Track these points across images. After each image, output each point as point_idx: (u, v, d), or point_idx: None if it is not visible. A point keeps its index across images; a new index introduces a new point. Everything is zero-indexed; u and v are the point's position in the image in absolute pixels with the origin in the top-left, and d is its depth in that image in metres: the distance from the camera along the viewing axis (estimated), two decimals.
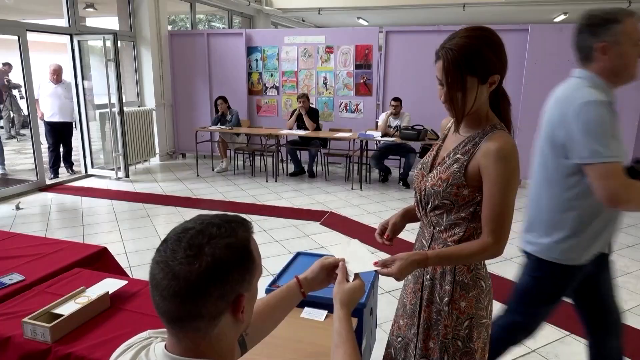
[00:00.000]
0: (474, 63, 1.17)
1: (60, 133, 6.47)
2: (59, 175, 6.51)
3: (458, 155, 1.28)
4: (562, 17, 11.11)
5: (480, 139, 1.24)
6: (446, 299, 1.31)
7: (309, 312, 1.56)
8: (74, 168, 6.84)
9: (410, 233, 1.86)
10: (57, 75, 6.36)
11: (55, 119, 6.36)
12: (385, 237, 1.43)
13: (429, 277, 1.36)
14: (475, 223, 1.27)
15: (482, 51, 1.17)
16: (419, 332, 1.37)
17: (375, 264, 1.19)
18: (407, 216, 1.48)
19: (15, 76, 9.09)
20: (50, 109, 6.32)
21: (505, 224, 1.21)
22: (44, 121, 6.38)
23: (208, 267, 0.71)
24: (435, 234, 1.34)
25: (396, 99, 6.12)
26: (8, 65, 9.61)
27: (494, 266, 3.68)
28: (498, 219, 1.21)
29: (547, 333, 2.71)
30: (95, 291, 1.63)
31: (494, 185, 1.20)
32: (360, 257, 1.19)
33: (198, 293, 0.71)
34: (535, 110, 6.47)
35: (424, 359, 1.38)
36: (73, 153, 6.84)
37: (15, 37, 5.46)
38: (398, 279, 1.19)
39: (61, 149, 6.61)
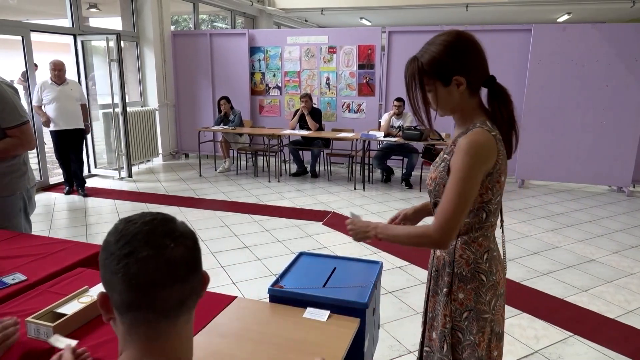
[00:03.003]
0: (431, 68, 1.27)
1: (68, 144, 5.48)
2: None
3: (445, 155, 1.35)
4: (565, 17, 11.09)
5: (461, 137, 1.28)
6: (445, 289, 1.36)
7: (311, 312, 1.56)
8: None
9: None
10: (59, 72, 5.33)
11: (60, 127, 5.37)
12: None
13: (434, 268, 1.42)
14: (470, 218, 1.31)
15: (433, 55, 1.26)
16: (426, 322, 1.46)
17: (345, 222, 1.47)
18: (424, 211, 1.56)
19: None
20: (53, 115, 5.34)
21: (449, 216, 1.21)
22: (50, 131, 5.45)
23: (188, 244, 0.76)
24: None
25: (399, 99, 6.12)
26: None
27: None
28: (445, 210, 1.22)
29: (551, 334, 2.71)
30: (98, 291, 1.63)
31: (452, 178, 1.24)
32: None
33: (190, 270, 0.76)
34: (538, 110, 6.51)
35: (428, 348, 1.44)
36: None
37: (19, 38, 5.47)
38: (353, 238, 1.44)
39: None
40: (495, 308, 1.35)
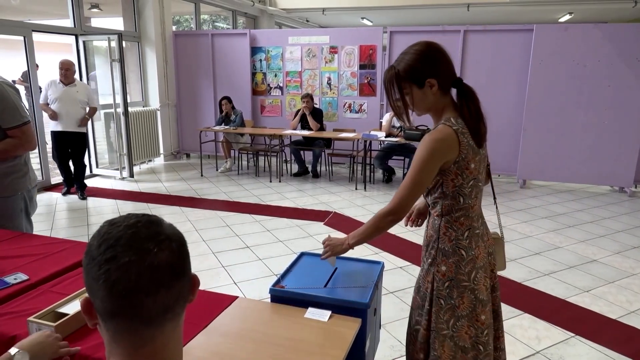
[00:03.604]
0: (407, 74, 1.49)
1: (67, 146, 5.37)
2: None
3: None
4: (567, 17, 11.07)
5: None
6: (429, 260, 1.59)
7: (312, 312, 1.56)
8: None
9: (416, 235, 1.87)
10: (65, 72, 5.24)
11: (59, 128, 5.27)
12: (410, 221, 1.79)
13: (424, 244, 1.64)
14: (449, 200, 1.52)
15: (408, 63, 1.49)
16: (415, 289, 1.71)
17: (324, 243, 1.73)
18: None
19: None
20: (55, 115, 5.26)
21: (402, 196, 1.46)
22: (50, 131, 5.39)
23: (173, 248, 0.72)
24: (429, 211, 1.63)
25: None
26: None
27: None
28: (400, 193, 1.47)
29: (552, 334, 2.70)
30: None
31: (411, 167, 1.47)
32: None
33: (176, 274, 0.72)
34: (540, 111, 6.49)
35: (413, 309, 1.70)
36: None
37: (21, 38, 5.48)
38: (331, 253, 1.70)
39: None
40: (475, 279, 1.54)
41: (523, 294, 3.22)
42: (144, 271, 0.68)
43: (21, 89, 8.37)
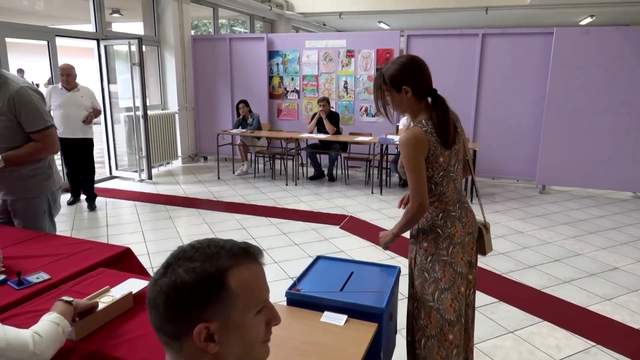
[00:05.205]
0: (388, 80, 1.77)
1: (73, 154, 5.14)
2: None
3: None
4: (588, 19, 10.89)
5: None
6: (412, 239, 1.90)
7: (329, 316, 1.56)
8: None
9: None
10: (67, 77, 4.96)
11: (64, 135, 4.95)
12: (403, 204, 1.96)
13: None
14: (436, 189, 1.80)
15: (391, 72, 1.77)
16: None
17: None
18: None
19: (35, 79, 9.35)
20: (58, 123, 4.90)
21: (414, 191, 1.73)
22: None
23: (168, 286, 0.75)
24: None
25: None
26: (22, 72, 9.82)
27: (515, 273, 3.62)
28: (412, 189, 1.74)
29: (573, 343, 2.65)
30: (119, 291, 1.65)
31: (405, 167, 1.75)
32: None
33: (160, 308, 0.75)
34: (560, 115, 6.37)
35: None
36: (96, 160, 5.50)
37: (45, 42, 5.62)
38: (383, 247, 1.91)
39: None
40: (452, 253, 1.80)
41: (542, 301, 3.17)
42: (149, 287, 0.79)
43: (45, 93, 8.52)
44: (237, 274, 0.77)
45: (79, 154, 5.16)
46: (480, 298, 3.17)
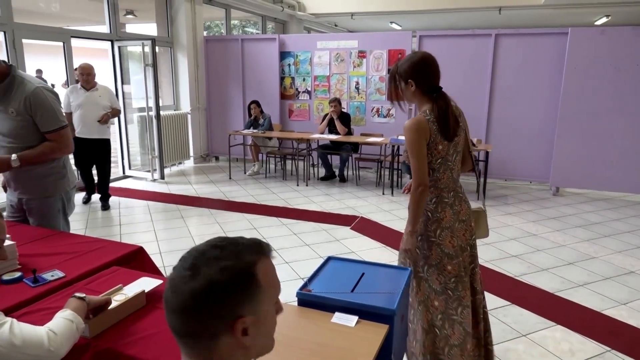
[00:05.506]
0: (400, 73, 2.01)
1: (90, 154, 5.12)
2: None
3: None
4: (603, 19, 10.73)
5: None
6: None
7: (339, 317, 1.56)
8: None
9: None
10: (87, 76, 4.97)
11: (83, 134, 4.98)
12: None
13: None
14: (433, 175, 2.00)
15: (404, 66, 2.00)
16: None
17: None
18: None
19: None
20: (76, 123, 4.99)
21: (416, 172, 1.94)
22: (74, 137, 4.67)
23: (202, 288, 0.75)
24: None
25: None
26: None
27: (528, 276, 3.58)
28: (413, 170, 1.95)
29: (586, 348, 2.61)
30: (132, 289, 1.67)
31: (408, 150, 1.95)
32: None
33: (193, 312, 0.76)
34: (574, 116, 6.28)
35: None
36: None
37: (60, 44, 5.70)
38: (404, 247, 2.05)
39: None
40: (440, 236, 2.01)
41: (556, 305, 3.13)
42: (169, 291, 0.78)
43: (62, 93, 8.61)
44: (262, 268, 0.82)
45: (95, 154, 5.15)
46: (493, 301, 3.14)
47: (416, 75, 1.96)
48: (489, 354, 2.17)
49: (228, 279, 0.76)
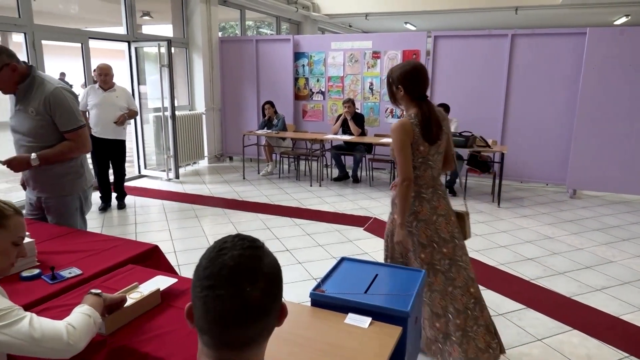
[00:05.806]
0: (392, 77, 2.21)
1: (105, 154, 5.12)
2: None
3: None
4: (623, 19, 10.54)
5: None
6: (391, 210, 2.36)
7: (353, 318, 1.55)
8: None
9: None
10: (105, 77, 4.98)
11: (99, 134, 4.98)
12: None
13: (391, 200, 2.39)
14: (414, 173, 2.20)
15: (396, 72, 2.20)
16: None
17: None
18: None
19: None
20: (92, 122, 4.99)
21: (401, 168, 2.15)
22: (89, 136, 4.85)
23: (266, 288, 0.78)
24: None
25: (442, 105, 6.00)
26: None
27: (544, 280, 3.52)
28: (398, 166, 2.16)
29: (604, 353, 2.57)
30: (147, 287, 1.69)
31: (394, 149, 2.17)
32: None
33: (264, 313, 0.78)
34: (592, 118, 6.18)
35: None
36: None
37: (79, 45, 5.79)
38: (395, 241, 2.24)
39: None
40: (417, 227, 2.23)
41: (572, 309, 3.08)
42: (236, 307, 0.75)
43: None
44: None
45: (111, 154, 5.14)
46: (507, 304, 3.11)
47: (406, 83, 2.16)
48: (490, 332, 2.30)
49: (278, 270, 0.83)
